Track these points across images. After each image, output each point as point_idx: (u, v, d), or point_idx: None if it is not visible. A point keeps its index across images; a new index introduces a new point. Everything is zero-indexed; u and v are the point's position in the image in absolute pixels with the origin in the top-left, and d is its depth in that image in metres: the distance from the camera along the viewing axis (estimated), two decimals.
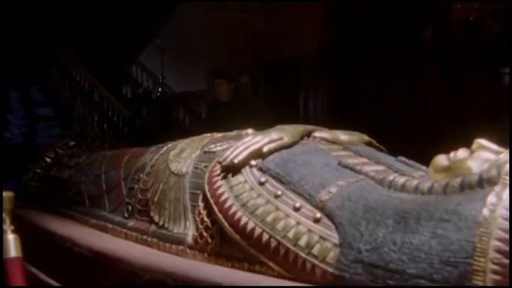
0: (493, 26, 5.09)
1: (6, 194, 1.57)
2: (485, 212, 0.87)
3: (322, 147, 1.39)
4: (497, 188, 0.89)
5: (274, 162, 1.30)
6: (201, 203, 1.38)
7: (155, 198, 1.59)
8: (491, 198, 0.88)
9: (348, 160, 1.27)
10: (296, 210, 1.15)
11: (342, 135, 1.49)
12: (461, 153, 1.05)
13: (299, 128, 1.45)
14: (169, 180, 1.56)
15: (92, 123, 8.28)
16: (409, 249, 0.92)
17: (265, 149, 1.35)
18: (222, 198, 1.28)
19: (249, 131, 1.60)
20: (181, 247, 1.40)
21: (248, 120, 1.90)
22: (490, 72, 4.87)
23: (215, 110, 4.97)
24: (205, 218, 1.34)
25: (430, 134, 4.60)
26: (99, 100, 8.44)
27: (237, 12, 7.22)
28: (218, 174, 1.35)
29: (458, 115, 4.93)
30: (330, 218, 1.09)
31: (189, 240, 1.38)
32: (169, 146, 1.75)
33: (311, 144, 1.41)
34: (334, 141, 1.45)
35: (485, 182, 0.91)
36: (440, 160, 1.07)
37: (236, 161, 1.33)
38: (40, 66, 9.49)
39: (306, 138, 1.46)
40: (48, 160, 2.57)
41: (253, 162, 1.32)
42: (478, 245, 0.84)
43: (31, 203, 2.42)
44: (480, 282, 0.82)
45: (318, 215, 1.11)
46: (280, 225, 1.14)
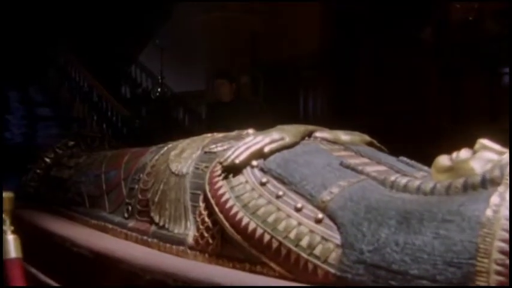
0: (493, 26, 5.09)
1: (6, 194, 1.56)
2: (489, 213, 0.86)
3: (324, 148, 1.38)
4: (500, 189, 0.89)
5: (276, 163, 1.30)
6: (201, 204, 1.37)
7: (155, 199, 1.58)
8: (494, 199, 0.88)
9: (350, 160, 1.27)
10: (297, 210, 1.14)
11: (343, 136, 1.48)
12: (464, 153, 1.04)
13: (300, 128, 1.45)
14: (170, 180, 1.55)
15: (91, 123, 8.27)
16: (412, 250, 0.91)
17: (267, 149, 1.34)
18: (223, 199, 1.28)
19: (250, 131, 1.60)
20: (181, 248, 1.40)
21: (249, 120, 1.90)
22: (490, 72, 4.87)
23: (216, 110, 4.97)
24: (206, 219, 1.33)
25: (429, 134, 4.59)
26: (98, 100, 8.43)
27: (237, 12, 7.21)
28: (219, 175, 1.35)
29: (458, 115, 4.93)
30: (332, 219, 1.08)
31: (190, 240, 1.38)
32: (170, 146, 1.75)
33: (312, 144, 1.41)
34: (335, 142, 1.44)
35: (489, 182, 0.91)
36: (443, 160, 1.06)
37: (237, 161, 1.32)
38: (39, 66, 9.47)
39: (307, 138, 1.46)
40: (47, 160, 2.57)
41: (254, 163, 1.32)
42: (481, 245, 0.84)
43: (31, 204, 2.41)
44: (484, 283, 0.82)
45: (319, 215, 1.10)
46: (281, 226, 1.13)
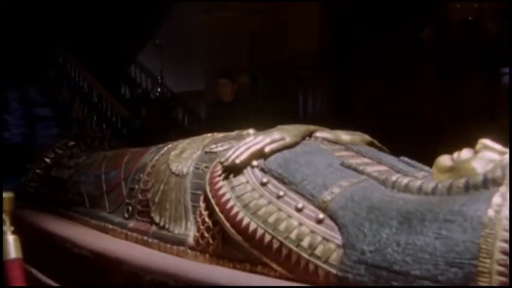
0: (492, 26, 5.08)
1: (6, 194, 1.56)
2: (491, 213, 0.86)
3: (324, 148, 1.38)
4: (502, 189, 0.89)
5: (276, 163, 1.29)
6: (202, 204, 1.37)
7: (156, 199, 1.58)
8: (496, 199, 0.87)
9: (351, 160, 1.27)
10: (298, 211, 1.14)
11: (344, 136, 1.48)
12: (465, 153, 1.04)
13: (301, 128, 1.44)
14: (170, 180, 1.55)
15: (91, 124, 8.26)
16: (413, 250, 0.91)
17: (267, 149, 1.34)
18: (224, 199, 1.28)
19: (250, 131, 1.60)
20: (182, 248, 1.40)
21: (250, 120, 1.89)
22: (490, 72, 4.86)
23: (217, 110, 4.96)
24: (207, 219, 1.33)
25: (429, 134, 4.58)
26: (98, 100, 8.42)
27: (237, 12, 7.21)
28: (219, 175, 1.34)
29: (458, 115, 4.92)
30: (333, 219, 1.08)
31: (190, 241, 1.37)
32: (170, 146, 1.75)
33: (313, 144, 1.41)
34: (336, 142, 1.44)
35: (490, 182, 0.91)
36: (444, 160, 1.06)
37: (238, 161, 1.32)
38: (39, 66, 9.47)
39: (308, 138, 1.46)
40: (47, 160, 2.56)
41: (255, 163, 1.32)
42: (483, 246, 0.84)
43: (31, 204, 2.40)
44: (486, 284, 0.82)
45: (320, 215, 1.10)
46: (282, 226, 1.13)
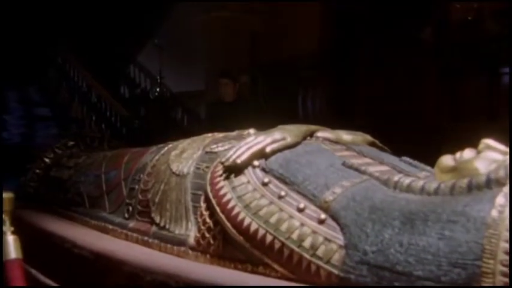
0: (492, 26, 5.08)
1: (6, 195, 1.55)
2: (494, 213, 0.86)
3: (326, 148, 1.37)
4: (505, 189, 0.88)
5: (278, 163, 1.29)
6: (203, 204, 1.36)
7: (156, 199, 1.57)
8: (499, 200, 0.87)
9: (352, 160, 1.26)
10: (300, 211, 1.13)
11: (345, 135, 1.47)
12: (468, 153, 1.03)
13: (302, 128, 1.44)
14: (171, 180, 1.55)
15: (90, 124, 8.25)
16: (416, 250, 0.91)
17: (268, 149, 1.33)
18: (225, 199, 1.27)
19: (251, 131, 1.59)
20: (182, 248, 1.39)
21: (252, 120, 1.89)
22: (490, 72, 4.86)
23: (219, 110, 4.95)
24: (208, 219, 1.32)
25: (429, 134, 4.58)
26: (97, 100, 8.41)
27: (237, 12, 7.20)
28: (220, 175, 1.34)
29: (458, 115, 4.92)
30: (335, 219, 1.08)
31: (191, 241, 1.37)
32: (170, 146, 1.74)
33: (314, 144, 1.40)
34: (337, 142, 1.44)
35: (494, 182, 0.90)
36: (446, 160, 1.06)
37: (239, 161, 1.32)
38: (38, 66, 9.46)
39: (309, 138, 1.45)
40: (47, 160, 2.55)
41: (256, 163, 1.31)
42: (487, 246, 0.83)
43: (30, 204, 2.39)
44: (489, 285, 0.81)
45: (322, 216, 1.10)
46: (284, 227, 1.13)
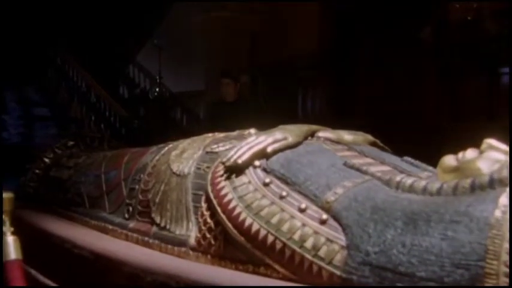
0: (492, 25, 5.08)
1: (6, 195, 1.55)
2: (498, 214, 0.85)
3: (327, 148, 1.37)
4: (509, 189, 0.88)
5: (279, 163, 1.28)
6: (204, 204, 1.36)
7: (156, 199, 1.57)
8: (503, 200, 0.86)
9: (354, 160, 1.26)
10: (302, 211, 1.13)
11: (346, 135, 1.47)
12: (470, 153, 1.03)
13: (303, 128, 1.43)
14: (171, 181, 1.54)
15: (89, 124, 8.24)
16: (419, 251, 0.90)
17: (270, 149, 1.33)
18: (226, 199, 1.26)
19: (252, 131, 1.59)
20: (183, 249, 1.39)
21: (253, 120, 1.89)
22: (489, 72, 4.86)
23: (220, 110, 4.95)
24: (209, 219, 1.32)
25: (429, 134, 4.59)
26: (96, 100, 8.41)
27: (237, 12, 7.20)
28: (221, 175, 1.33)
29: (458, 115, 4.92)
30: (337, 220, 1.07)
31: (192, 241, 1.36)
32: (171, 146, 1.73)
33: (315, 144, 1.39)
34: (338, 141, 1.43)
35: (497, 182, 0.90)
36: (449, 160, 1.05)
37: (240, 161, 1.31)
38: (37, 66, 9.45)
39: (310, 138, 1.44)
40: (46, 160, 2.55)
41: (257, 163, 1.30)
42: (490, 247, 0.83)
43: (30, 204, 2.39)
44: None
45: (324, 216, 1.09)
46: (285, 227, 1.12)
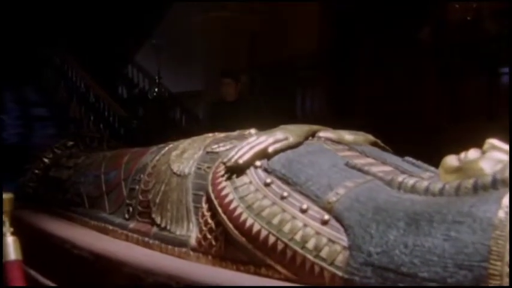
0: (491, 26, 5.09)
1: (5, 195, 1.54)
2: (501, 214, 0.85)
3: (328, 148, 1.36)
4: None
5: (280, 163, 1.28)
6: (204, 205, 1.35)
7: (157, 200, 1.56)
8: (506, 200, 0.86)
9: (355, 160, 1.25)
10: (303, 212, 1.12)
11: (347, 135, 1.46)
12: (473, 153, 1.03)
13: (304, 128, 1.43)
14: (172, 181, 1.53)
15: (88, 124, 8.24)
16: (422, 252, 0.90)
17: (271, 149, 1.32)
18: (227, 200, 1.26)
19: (252, 131, 1.58)
20: (184, 249, 1.38)
21: (253, 120, 1.88)
22: (489, 72, 4.86)
23: (220, 110, 4.94)
24: (209, 220, 1.31)
25: (429, 134, 4.59)
26: (95, 100, 8.41)
27: (236, 12, 7.19)
28: (222, 175, 1.33)
29: (457, 115, 4.93)
30: (339, 220, 1.07)
31: (193, 242, 1.36)
32: (171, 146, 1.73)
33: (316, 144, 1.39)
34: (339, 142, 1.42)
35: (500, 183, 0.89)
36: (451, 161, 1.05)
37: (241, 161, 1.30)
38: (36, 66, 9.44)
39: (311, 138, 1.44)
40: (46, 161, 2.54)
41: (258, 163, 1.30)
42: (494, 248, 0.82)
43: (29, 205, 2.38)
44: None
45: (325, 217, 1.09)
46: (287, 228, 1.11)
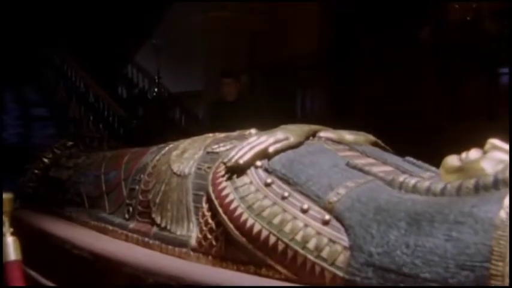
0: (491, 26, 5.09)
1: (5, 195, 1.54)
2: (503, 215, 0.84)
3: (329, 148, 1.36)
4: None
5: (281, 163, 1.27)
6: (205, 205, 1.35)
7: (157, 200, 1.56)
8: (507, 200, 0.86)
9: (356, 160, 1.25)
10: (304, 212, 1.12)
11: (348, 135, 1.46)
12: (474, 153, 1.02)
13: (305, 128, 1.42)
14: (172, 181, 1.53)
15: (88, 124, 8.23)
16: (423, 252, 0.89)
17: (271, 149, 1.32)
18: (227, 200, 1.26)
19: (252, 131, 1.58)
20: (184, 250, 1.38)
21: (253, 120, 1.88)
22: (488, 72, 4.87)
23: (221, 110, 4.94)
24: (210, 220, 1.31)
25: (429, 134, 4.59)
26: (95, 100, 8.41)
27: (236, 12, 7.19)
28: (223, 175, 1.32)
29: (457, 115, 4.93)
30: (339, 220, 1.06)
31: (193, 242, 1.35)
32: (171, 146, 1.72)
33: (317, 144, 1.39)
34: (339, 142, 1.42)
35: (501, 183, 0.89)
36: (452, 161, 1.05)
37: (241, 161, 1.30)
38: (36, 66, 9.43)
39: (311, 138, 1.43)
40: (46, 161, 2.54)
41: (258, 163, 1.30)
42: (495, 248, 0.82)
43: (29, 205, 2.38)
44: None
45: (326, 217, 1.08)
46: (287, 228, 1.11)
